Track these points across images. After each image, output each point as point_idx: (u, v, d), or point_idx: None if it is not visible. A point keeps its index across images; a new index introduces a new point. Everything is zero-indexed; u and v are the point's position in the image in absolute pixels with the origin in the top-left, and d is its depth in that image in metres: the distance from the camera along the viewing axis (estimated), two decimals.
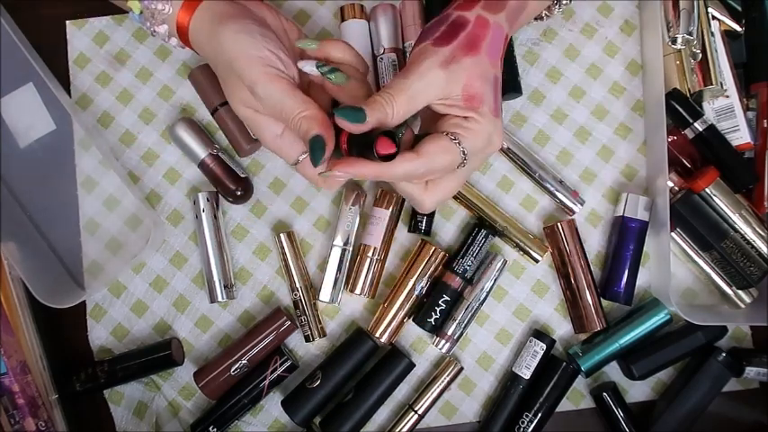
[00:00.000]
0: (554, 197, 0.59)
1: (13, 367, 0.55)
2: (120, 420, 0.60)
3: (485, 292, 0.57)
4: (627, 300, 0.58)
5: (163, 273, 0.61)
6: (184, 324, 0.60)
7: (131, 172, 0.62)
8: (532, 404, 0.56)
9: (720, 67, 0.58)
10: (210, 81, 0.60)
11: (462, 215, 0.61)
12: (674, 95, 0.57)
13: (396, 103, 0.43)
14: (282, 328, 0.58)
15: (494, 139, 0.46)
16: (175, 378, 0.60)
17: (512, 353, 0.60)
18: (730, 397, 0.59)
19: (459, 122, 0.45)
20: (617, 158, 0.61)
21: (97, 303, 0.61)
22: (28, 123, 0.61)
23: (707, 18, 0.58)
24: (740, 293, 0.59)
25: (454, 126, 0.45)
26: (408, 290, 0.57)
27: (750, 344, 0.60)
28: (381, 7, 0.60)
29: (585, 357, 0.57)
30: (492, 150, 0.47)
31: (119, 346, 0.60)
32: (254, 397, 0.57)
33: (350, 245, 0.58)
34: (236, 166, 0.59)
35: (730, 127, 0.59)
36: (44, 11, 0.63)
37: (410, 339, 0.60)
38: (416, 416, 0.57)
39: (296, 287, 0.58)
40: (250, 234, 0.61)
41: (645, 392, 0.60)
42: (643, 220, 0.57)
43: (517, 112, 0.62)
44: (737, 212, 0.56)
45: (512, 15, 0.48)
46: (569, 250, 0.57)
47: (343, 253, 0.58)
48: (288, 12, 0.63)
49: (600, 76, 0.62)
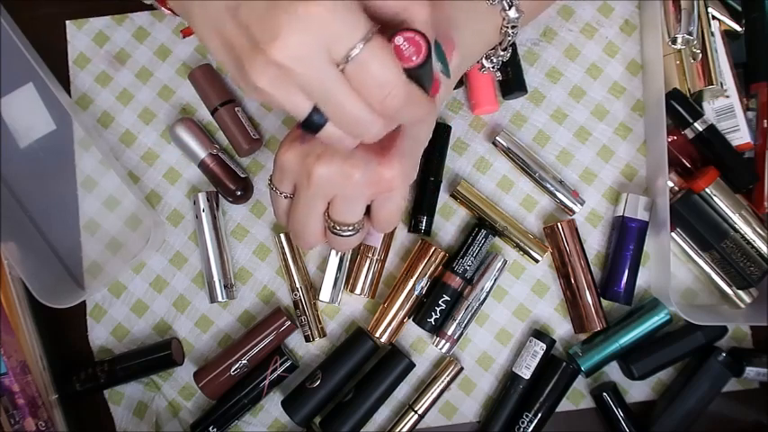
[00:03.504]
0: (554, 197, 0.59)
1: (13, 367, 0.55)
2: (120, 420, 0.60)
3: (485, 292, 0.57)
4: (627, 300, 0.58)
5: (163, 273, 0.61)
6: (184, 324, 0.60)
7: (131, 172, 0.62)
8: (532, 404, 0.56)
9: (720, 67, 0.58)
10: (210, 81, 0.60)
11: (462, 215, 0.61)
12: (674, 95, 0.57)
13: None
14: (282, 328, 0.58)
15: None
16: (175, 378, 0.60)
17: (512, 353, 0.60)
18: (730, 397, 0.59)
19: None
20: (617, 158, 0.61)
21: (97, 303, 0.61)
22: (28, 123, 0.61)
23: (707, 18, 0.58)
24: (740, 293, 0.59)
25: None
26: (408, 290, 0.57)
27: (750, 344, 0.60)
28: None
29: (585, 357, 0.57)
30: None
31: (119, 346, 0.60)
32: (254, 397, 0.57)
33: None
34: (236, 166, 0.59)
35: (730, 127, 0.59)
36: (44, 11, 0.63)
37: (410, 339, 0.60)
38: (416, 416, 0.57)
39: (296, 287, 0.58)
40: (250, 234, 0.61)
41: (645, 392, 0.60)
42: (643, 220, 0.57)
43: (517, 112, 0.62)
44: (737, 212, 0.56)
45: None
46: (569, 250, 0.57)
47: (344, 253, 0.58)
48: None
49: (600, 76, 0.62)
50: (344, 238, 0.44)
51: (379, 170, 0.41)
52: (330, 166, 0.40)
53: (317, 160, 0.40)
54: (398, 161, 0.41)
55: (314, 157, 0.41)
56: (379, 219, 0.45)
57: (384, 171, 0.41)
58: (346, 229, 0.44)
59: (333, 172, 0.40)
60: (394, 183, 0.41)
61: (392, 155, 0.41)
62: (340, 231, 0.44)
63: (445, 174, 0.60)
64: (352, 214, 0.43)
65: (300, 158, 0.42)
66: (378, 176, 0.41)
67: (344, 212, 0.43)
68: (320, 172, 0.41)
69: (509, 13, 0.44)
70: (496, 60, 0.49)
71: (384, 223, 0.45)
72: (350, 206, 0.43)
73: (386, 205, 0.44)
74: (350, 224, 0.43)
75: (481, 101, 0.59)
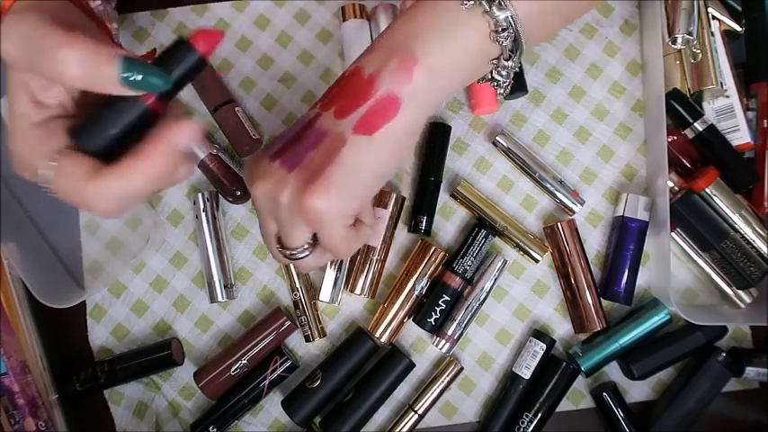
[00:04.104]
0: (554, 197, 0.59)
1: (13, 367, 0.55)
2: (120, 420, 0.60)
3: (485, 292, 0.57)
4: (627, 300, 0.58)
5: (163, 273, 0.61)
6: (184, 324, 0.60)
7: None
8: (532, 404, 0.56)
9: (720, 67, 0.58)
10: (210, 81, 0.60)
11: (462, 215, 0.61)
12: (674, 95, 0.57)
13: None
14: (282, 328, 0.58)
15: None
16: (175, 378, 0.60)
17: (512, 353, 0.60)
18: (730, 397, 0.59)
19: None
20: (617, 158, 0.61)
21: (97, 303, 0.61)
22: None
23: (707, 18, 0.58)
24: (740, 293, 0.59)
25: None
26: (408, 290, 0.57)
27: (750, 344, 0.60)
28: (382, 7, 0.60)
29: (585, 357, 0.57)
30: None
31: (119, 346, 0.60)
32: (254, 397, 0.57)
33: None
34: (236, 166, 0.59)
35: (730, 127, 0.59)
36: None
37: (410, 339, 0.60)
38: (416, 416, 0.57)
39: (296, 287, 0.58)
40: (250, 234, 0.61)
41: (645, 392, 0.60)
42: (643, 220, 0.57)
43: (517, 112, 0.62)
44: (737, 212, 0.56)
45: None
46: (569, 250, 0.57)
47: None
48: (288, 12, 0.63)
49: (600, 76, 0.62)
50: (297, 260, 0.43)
51: (303, 199, 0.38)
52: (262, 188, 0.40)
53: (256, 180, 0.41)
54: (325, 191, 0.38)
55: (256, 176, 0.41)
56: (325, 245, 0.42)
57: (307, 200, 0.38)
58: (292, 252, 0.42)
59: (263, 194, 0.40)
60: (319, 214, 0.39)
61: (318, 184, 0.38)
62: (287, 254, 0.43)
63: (445, 174, 0.60)
64: (289, 238, 0.41)
65: (249, 173, 0.42)
66: (302, 206, 0.39)
67: (283, 235, 0.42)
68: (254, 193, 0.41)
69: (496, 15, 0.38)
70: (505, 73, 0.43)
71: (332, 251, 0.43)
72: (285, 230, 0.41)
73: (323, 235, 0.41)
74: (292, 248, 0.42)
75: (481, 101, 0.59)
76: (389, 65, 0.39)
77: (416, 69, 0.38)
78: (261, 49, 0.63)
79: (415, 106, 0.39)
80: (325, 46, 0.63)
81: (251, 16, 0.63)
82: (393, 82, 0.39)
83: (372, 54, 0.40)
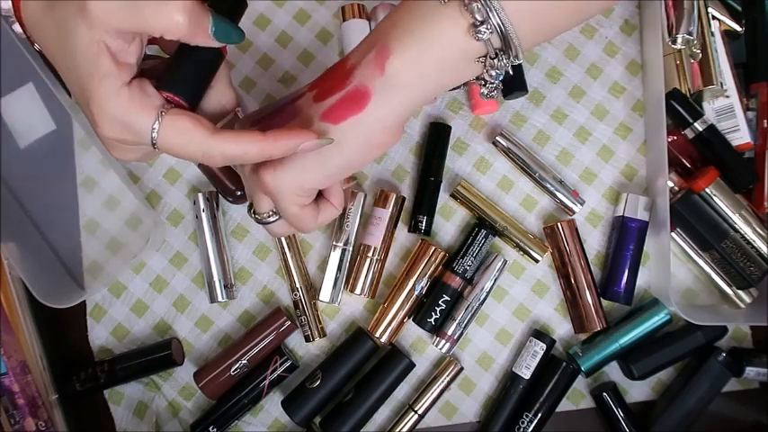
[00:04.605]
0: (554, 197, 0.59)
1: (13, 367, 0.55)
2: (120, 420, 0.60)
3: (485, 292, 0.57)
4: (627, 300, 0.58)
5: (163, 273, 0.61)
6: (184, 324, 0.60)
7: (131, 172, 0.62)
8: (532, 404, 0.56)
9: (720, 67, 0.58)
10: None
11: (462, 215, 0.61)
12: (674, 95, 0.57)
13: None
14: (282, 328, 0.58)
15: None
16: (175, 378, 0.60)
17: (512, 353, 0.60)
18: (730, 397, 0.59)
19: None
20: (617, 158, 0.61)
21: (97, 303, 0.61)
22: (28, 123, 0.61)
23: (707, 18, 0.58)
24: (740, 293, 0.59)
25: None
26: (408, 290, 0.57)
27: (750, 344, 0.60)
28: (382, 7, 0.60)
29: (585, 357, 0.57)
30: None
31: (119, 346, 0.60)
32: (254, 397, 0.57)
33: (350, 245, 0.58)
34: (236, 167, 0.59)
35: (730, 127, 0.59)
36: None
37: (410, 339, 0.60)
38: (416, 416, 0.57)
39: (296, 287, 0.58)
40: (250, 234, 0.61)
41: (645, 392, 0.60)
42: (643, 220, 0.57)
43: (517, 112, 0.62)
44: (737, 212, 0.56)
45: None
46: (569, 250, 0.57)
47: (344, 253, 0.58)
48: (288, 12, 0.63)
49: (600, 76, 0.62)
50: (266, 225, 0.44)
51: (258, 170, 0.40)
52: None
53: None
54: (280, 168, 0.39)
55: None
56: (283, 217, 0.44)
57: (260, 173, 0.40)
58: (259, 216, 0.44)
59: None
60: (270, 187, 0.40)
61: (275, 160, 0.39)
62: (256, 218, 0.44)
63: (445, 174, 0.60)
64: (256, 204, 0.43)
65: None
66: (257, 176, 0.40)
67: (252, 200, 0.44)
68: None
69: (471, 8, 0.36)
70: (494, 73, 0.40)
71: (290, 224, 0.44)
72: (252, 196, 0.43)
73: (278, 208, 0.42)
74: (259, 213, 0.44)
75: (481, 101, 0.59)
76: (367, 57, 0.39)
77: (389, 62, 0.37)
78: (261, 49, 0.63)
79: (387, 100, 0.38)
80: (325, 46, 0.63)
81: (251, 16, 0.63)
82: (365, 75, 0.38)
83: (360, 46, 0.41)
